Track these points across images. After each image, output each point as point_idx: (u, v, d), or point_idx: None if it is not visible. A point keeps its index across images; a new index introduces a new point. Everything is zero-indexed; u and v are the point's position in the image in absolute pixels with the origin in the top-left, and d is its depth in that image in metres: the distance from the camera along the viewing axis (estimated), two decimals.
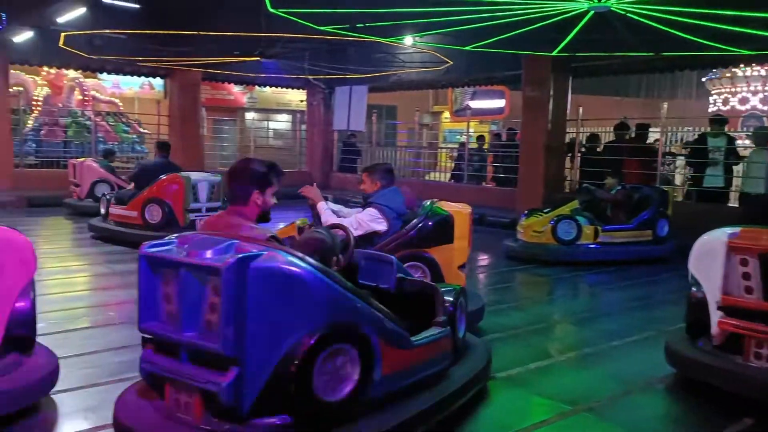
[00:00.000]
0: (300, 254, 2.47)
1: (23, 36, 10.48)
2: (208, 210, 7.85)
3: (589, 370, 4.01)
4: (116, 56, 11.81)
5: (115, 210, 8.06)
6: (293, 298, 2.36)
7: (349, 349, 2.49)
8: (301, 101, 17.37)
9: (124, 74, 14.07)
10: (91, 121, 14.16)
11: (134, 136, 16.37)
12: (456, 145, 15.54)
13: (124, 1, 10.87)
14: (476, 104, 16.74)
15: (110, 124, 15.98)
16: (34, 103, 15.11)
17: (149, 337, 2.61)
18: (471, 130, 13.44)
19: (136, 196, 7.90)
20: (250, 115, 18.90)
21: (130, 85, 17.41)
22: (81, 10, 8.74)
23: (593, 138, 11.21)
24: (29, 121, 14.46)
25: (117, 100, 16.85)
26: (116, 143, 15.27)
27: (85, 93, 15.93)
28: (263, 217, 2.88)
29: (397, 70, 12.97)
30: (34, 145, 14.26)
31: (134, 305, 5.29)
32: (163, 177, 7.86)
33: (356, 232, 3.97)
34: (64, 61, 12.31)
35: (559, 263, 7.26)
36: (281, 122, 20.03)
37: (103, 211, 8.32)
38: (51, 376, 3.15)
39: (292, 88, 16.63)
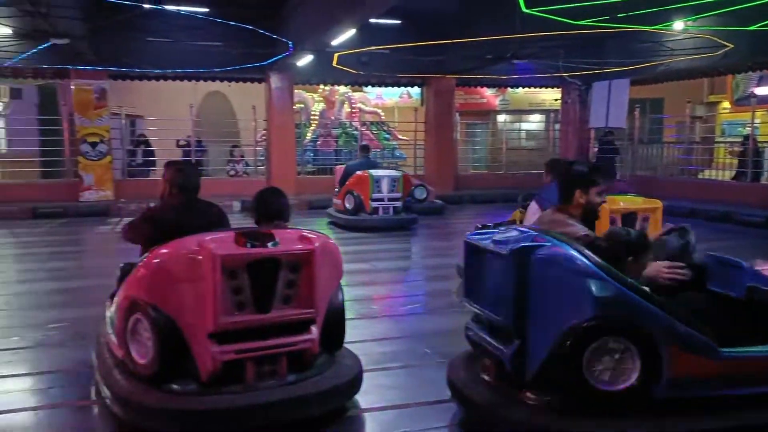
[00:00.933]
0: (582, 249, 2.66)
1: (305, 60, 11.90)
2: (389, 200, 9.53)
3: None
4: (381, 71, 12.83)
5: (335, 200, 10.29)
6: (568, 287, 2.61)
7: (628, 344, 2.56)
8: (555, 100, 16.86)
9: (386, 86, 15.24)
10: (358, 130, 15.59)
11: (394, 143, 17.54)
12: (739, 139, 13.61)
13: (388, 19, 11.76)
14: (763, 91, 14.48)
15: (373, 133, 17.35)
16: (312, 117, 17.11)
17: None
18: (757, 120, 11.65)
19: (341, 189, 9.91)
20: (501, 117, 18.93)
21: (391, 95, 18.68)
22: (351, 32, 9.65)
23: None
24: (308, 134, 16.42)
25: (379, 110, 18.21)
26: (378, 150, 16.54)
27: (353, 105, 17.54)
28: (591, 214, 2.99)
29: (665, 60, 11.82)
30: (312, 154, 16.18)
31: (392, 300, 5.71)
32: (358, 173, 9.67)
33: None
34: (337, 78, 13.81)
35: None
36: (533, 122, 19.69)
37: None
38: (359, 377, 3.23)
39: (546, 88, 16.24)
